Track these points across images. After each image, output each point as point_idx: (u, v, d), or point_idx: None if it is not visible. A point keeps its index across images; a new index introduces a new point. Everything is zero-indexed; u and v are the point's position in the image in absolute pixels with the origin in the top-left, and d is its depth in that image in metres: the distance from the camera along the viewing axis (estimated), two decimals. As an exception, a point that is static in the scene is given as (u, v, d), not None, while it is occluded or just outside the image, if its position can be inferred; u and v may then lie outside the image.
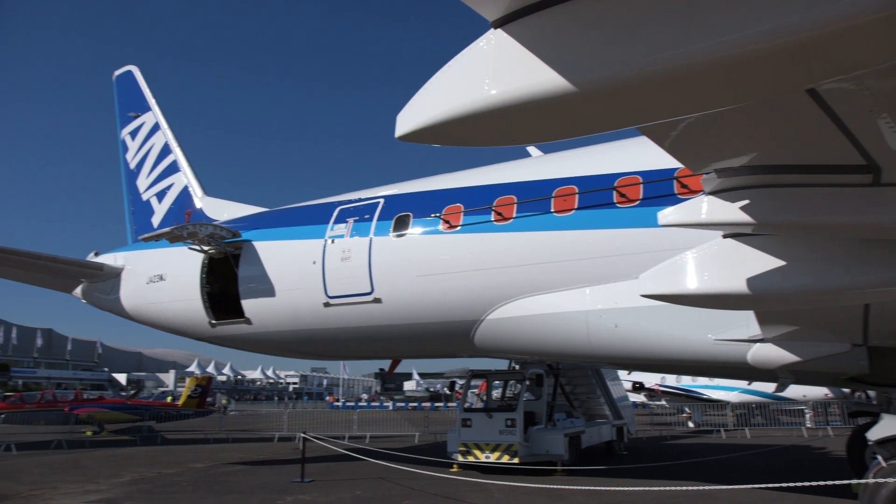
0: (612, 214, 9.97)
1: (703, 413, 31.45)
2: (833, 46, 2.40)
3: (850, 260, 5.03)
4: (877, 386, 9.93)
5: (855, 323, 6.75)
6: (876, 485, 5.54)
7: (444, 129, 2.96)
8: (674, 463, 15.11)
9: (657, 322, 9.16)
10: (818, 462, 17.00)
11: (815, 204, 4.37)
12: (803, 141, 3.95)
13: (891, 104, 3.32)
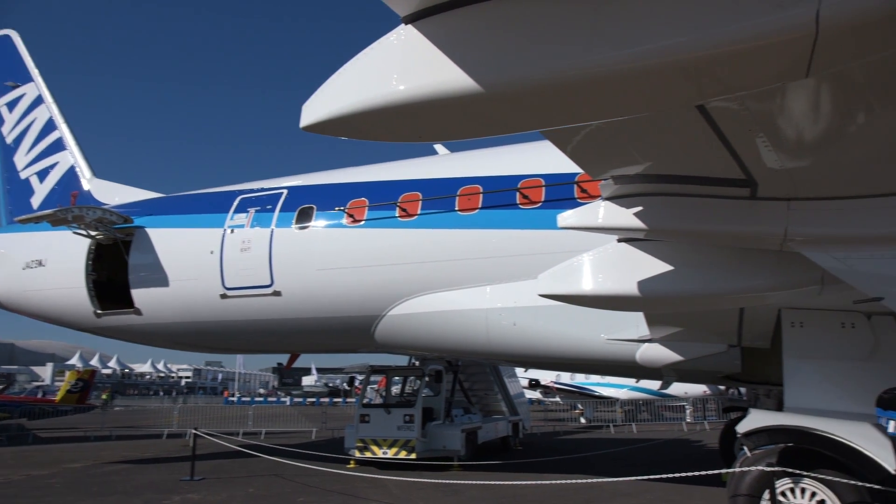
0: (515, 215, 10.22)
1: (594, 409, 32.78)
2: (722, 67, 2.56)
3: (730, 267, 5.41)
4: (747, 383, 10.74)
5: (731, 326, 7.27)
6: (741, 473, 5.97)
7: (350, 122, 2.93)
8: (565, 457, 15.69)
9: (554, 321, 9.48)
10: (695, 454, 18.15)
11: (699, 213, 4.66)
12: (692, 154, 4.21)
13: (767, 125, 3.59)
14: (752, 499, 5.91)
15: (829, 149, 3.89)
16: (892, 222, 4.26)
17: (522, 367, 24.54)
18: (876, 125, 3.59)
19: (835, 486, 5.65)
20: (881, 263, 4.38)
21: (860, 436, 5.68)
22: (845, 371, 6.03)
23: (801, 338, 6.19)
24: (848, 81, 3.23)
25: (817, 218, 4.41)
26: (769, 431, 6.17)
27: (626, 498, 10.79)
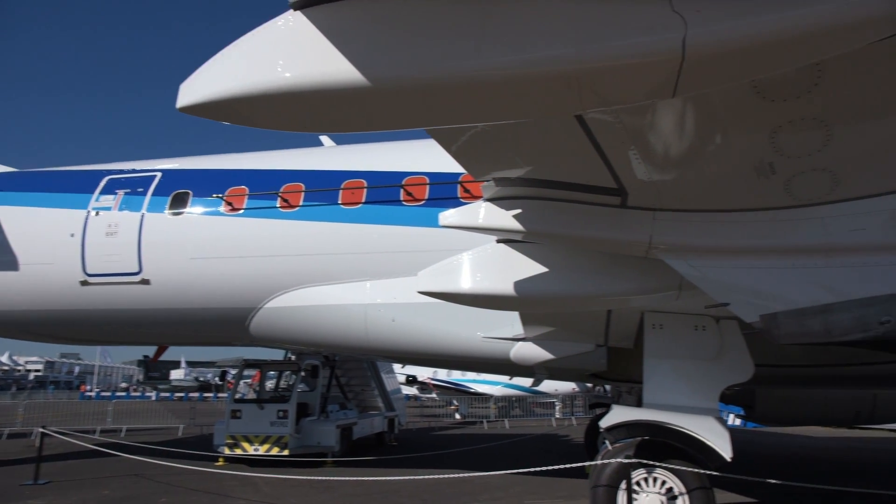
0: (398, 212, 10.25)
1: (469, 405, 33.50)
2: (599, 81, 2.70)
3: (600, 271, 5.72)
4: (612, 381, 11.39)
5: (599, 327, 7.68)
6: (602, 465, 6.32)
7: (231, 106, 2.81)
8: (440, 452, 15.90)
9: (432, 318, 9.60)
10: (563, 448, 19.01)
11: (574, 219, 4.90)
12: (569, 161, 4.41)
13: (638, 138, 3.84)
14: (611, 489, 6.27)
15: (691, 165, 4.22)
16: (740, 236, 4.69)
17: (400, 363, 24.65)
18: (730, 147, 3.93)
19: (681, 475, 6.12)
20: (728, 272, 4.80)
21: (705, 428, 6.19)
22: (696, 370, 6.54)
23: (661, 339, 6.65)
24: (707, 105, 3.52)
25: (678, 228, 4.76)
26: (629, 426, 6.58)
27: (496, 491, 11.12)
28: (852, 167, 4.11)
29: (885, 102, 3.54)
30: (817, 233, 4.57)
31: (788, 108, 3.48)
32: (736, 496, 10.06)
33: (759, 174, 4.13)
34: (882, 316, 4.48)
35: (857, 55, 3.00)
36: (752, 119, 3.64)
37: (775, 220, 4.61)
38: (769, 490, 10.13)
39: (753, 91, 3.36)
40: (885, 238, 4.48)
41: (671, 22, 2.48)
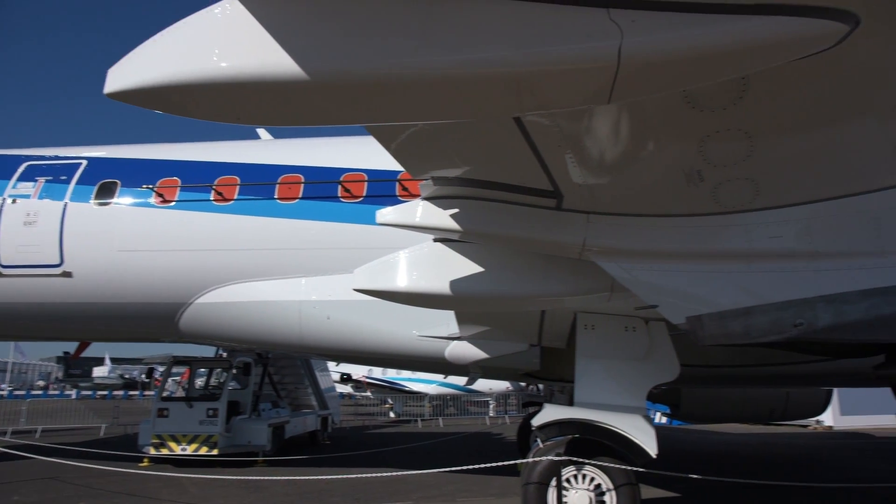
0: (335, 208, 10.14)
1: (404, 404, 33.46)
2: (538, 84, 2.74)
3: (535, 272, 5.81)
4: (545, 380, 11.60)
5: (533, 327, 7.81)
6: (534, 462, 6.43)
7: (163, 95, 2.71)
8: (373, 451, 15.84)
9: (367, 316, 9.55)
10: (496, 446, 19.22)
11: (510, 220, 4.96)
12: (507, 162, 4.46)
13: (574, 143, 3.92)
14: (542, 486, 6.38)
15: (624, 170, 4.33)
16: (670, 240, 4.85)
17: (335, 361, 24.42)
18: (662, 154, 4.07)
19: (609, 471, 6.29)
20: (658, 275, 4.96)
21: (632, 426, 6.38)
22: (625, 369, 6.73)
23: (592, 339, 6.81)
24: (641, 112, 3.62)
25: (611, 232, 4.89)
26: (560, 424, 6.71)
27: (430, 489, 11.15)
28: (772, 178, 4.31)
29: (802, 118, 3.73)
30: (740, 239, 4.77)
31: (716, 119, 3.62)
32: (660, 491, 10.40)
33: (689, 181, 4.29)
34: (796, 319, 4.72)
35: (779, 72, 3.15)
36: (683, 128, 3.77)
37: (702, 226, 4.79)
38: (691, 484, 10.53)
39: (684, 101, 3.48)
40: (800, 245, 4.72)
41: (608, 30, 2.54)
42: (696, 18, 2.59)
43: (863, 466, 13.96)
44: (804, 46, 2.77)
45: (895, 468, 13.48)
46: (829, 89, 3.43)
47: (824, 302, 4.71)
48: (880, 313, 4.63)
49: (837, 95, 3.51)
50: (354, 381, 36.74)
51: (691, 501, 9.92)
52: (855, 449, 17.86)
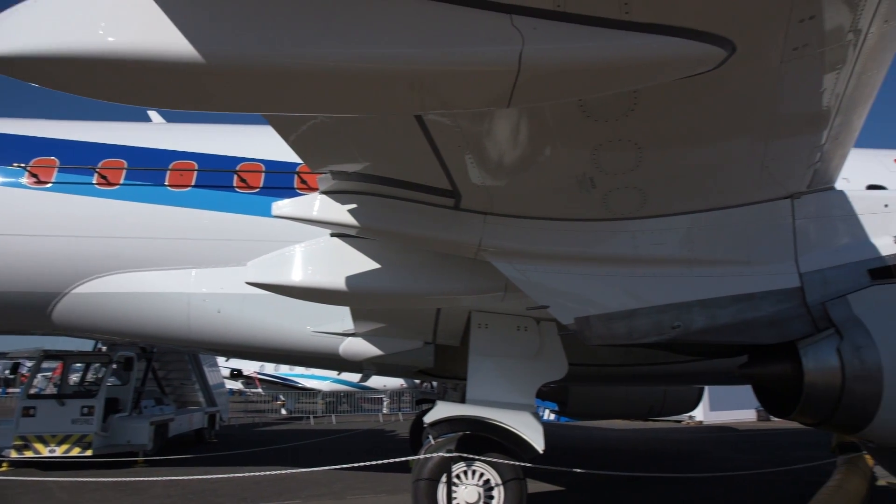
0: (230, 198, 9.77)
1: (296, 401, 32.78)
2: (440, 84, 2.76)
3: (431, 270, 5.85)
4: (439, 378, 11.72)
5: (428, 324, 7.87)
6: (425, 459, 6.48)
7: (39, 66, 2.46)
8: (263, 449, 15.41)
9: (260, 310, 9.27)
10: (388, 443, 19.21)
11: (408, 217, 4.97)
12: (407, 160, 4.47)
13: (474, 144, 3.98)
14: (432, 482, 6.44)
15: (522, 174, 4.45)
16: (562, 243, 5.03)
17: (225, 356, 23.55)
18: (558, 159, 4.20)
19: (497, 467, 6.44)
20: (550, 277, 5.13)
21: (521, 423, 6.57)
22: (517, 368, 6.91)
23: (485, 338, 6.95)
24: (539, 118, 3.73)
25: (507, 233, 5.00)
26: (451, 421, 6.80)
27: (319, 487, 10.99)
28: (658, 188, 4.57)
29: (685, 134, 3.97)
30: (627, 245, 5.02)
31: (608, 129, 3.78)
32: (546, 485, 10.77)
33: (581, 187, 4.46)
34: (674, 321, 5.03)
35: (666, 89, 3.35)
36: (578, 135, 3.91)
37: (593, 231, 5.00)
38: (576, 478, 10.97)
39: (580, 110, 3.61)
40: (680, 253, 5.04)
41: (510, 36, 2.59)
42: (593, 32, 2.70)
43: (727, 457, 15.07)
44: (687, 66, 2.96)
45: (754, 457, 14.64)
46: (709, 109, 3.67)
47: (699, 306, 5.05)
48: (745, 317, 5.02)
49: (716, 116, 3.76)
50: (245, 377, 35.66)
51: (575, 494, 10.34)
52: (721, 441, 19.26)
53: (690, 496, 10.08)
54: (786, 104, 3.65)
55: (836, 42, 3.10)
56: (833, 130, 4.05)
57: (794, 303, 5.06)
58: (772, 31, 2.93)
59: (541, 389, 6.99)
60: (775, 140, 4.07)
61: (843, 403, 4.72)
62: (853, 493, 8.37)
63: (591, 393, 13.67)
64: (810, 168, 4.59)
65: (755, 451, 16.16)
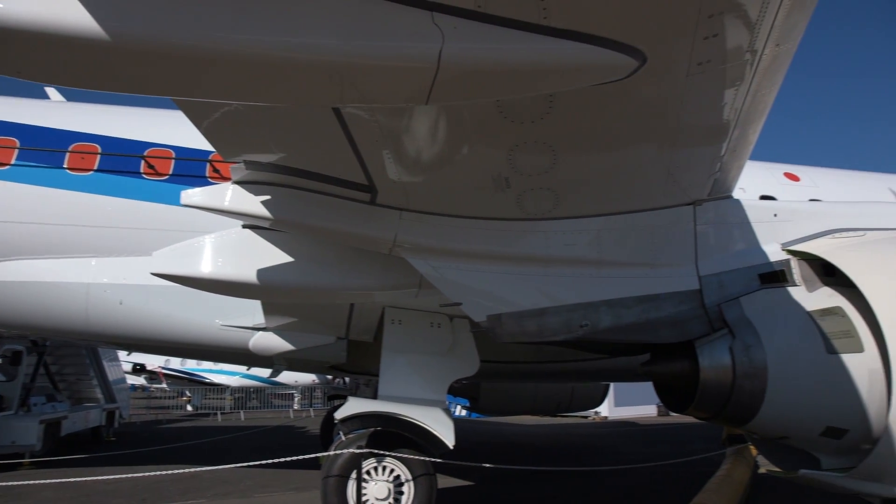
0: (135, 184, 9.29)
1: (203, 396, 31.72)
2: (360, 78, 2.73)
3: (345, 265, 5.78)
4: (351, 373, 11.62)
5: (341, 319, 7.78)
6: (335, 455, 6.42)
7: None
8: (166, 447, 14.84)
9: (166, 303, 8.89)
10: (299, 440, 18.92)
11: (324, 211, 4.89)
12: (322, 153, 4.40)
13: (392, 140, 3.96)
14: (342, 479, 6.39)
15: (438, 171, 4.46)
16: (476, 241, 5.09)
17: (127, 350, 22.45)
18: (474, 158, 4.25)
19: (408, 462, 6.46)
20: (463, 274, 5.19)
21: (432, 419, 6.61)
22: (429, 364, 6.95)
23: (398, 334, 6.94)
24: (458, 116, 3.76)
25: (422, 230, 5.01)
26: (362, 417, 6.76)
27: (225, 485, 10.69)
28: (570, 190, 4.70)
29: (598, 139, 4.11)
30: (540, 244, 5.14)
31: (524, 131, 3.86)
32: (457, 480, 10.89)
33: (497, 187, 4.53)
34: (583, 320, 5.20)
35: (581, 95, 3.45)
36: (495, 136, 3.97)
37: (507, 230, 5.08)
38: (485, 473, 11.16)
39: (497, 110, 3.66)
40: (590, 254, 5.21)
41: (431, 33, 2.60)
42: (512, 34, 2.75)
43: (630, 450, 15.74)
44: (601, 74, 3.06)
45: (654, 451, 15.37)
46: (620, 117, 3.82)
47: (606, 306, 5.23)
48: (649, 317, 5.25)
49: (627, 123, 3.91)
50: (149, 372, 34.14)
51: (484, 488, 10.51)
52: (624, 435, 20.09)
53: (594, 487, 10.47)
54: (691, 115, 3.84)
55: (735, 60, 3.29)
56: (731, 143, 4.28)
57: (693, 304, 5.33)
58: (680, 46, 3.07)
59: (452, 386, 7.05)
60: (680, 149, 4.27)
61: (733, 399, 5.01)
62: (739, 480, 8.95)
63: (501, 389, 13.94)
64: (711, 177, 4.84)
65: (655, 445, 16.97)
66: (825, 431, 4.99)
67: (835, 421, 4.94)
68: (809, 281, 5.36)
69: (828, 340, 4.90)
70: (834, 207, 6.12)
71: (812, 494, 9.03)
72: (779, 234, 5.67)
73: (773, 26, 3.07)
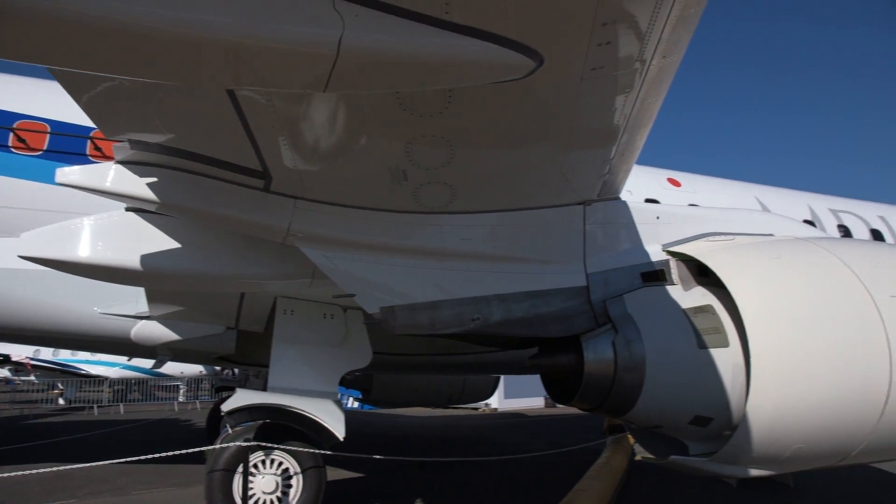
0: (3, 159, 8.55)
1: (78, 389, 29.75)
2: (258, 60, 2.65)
3: (236, 253, 5.59)
4: (240, 364, 11.27)
5: (231, 309, 7.53)
6: (221, 449, 6.23)
7: None
8: (33, 444, 13.79)
9: (36, 288, 8.25)
10: (183, 433, 18.16)
11: (214, 196, 4.70)
12: (216, 136, 4.22)
13: (288, 126, 3.87)
14: (228, 473, 6.21)
15: (335, 160, 4.40)
16: (372, 233, 5.07)
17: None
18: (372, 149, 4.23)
19: (297, 455, 6.38)
20: (358, 266, 5.15)
21: (323, 410, 6.56)
22: (321, 355, 6.87)
23: (290, 324, 6.81)
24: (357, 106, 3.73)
25: (317, 219, 4.92)
26: (251, 409, 6.60)
27: (99, 483, 10.11)
28: (467, 185, 4.77)
29: (494, 136, 4.20)
30: (435, 238, 5.19)
31: (423, 124, 3.88)
32: (347, 472, 10.84)
33: (394, 179, 4.52)
34: (474, 314, 5.30)
35: (479, 91, 3.52)
36: (393, 128, 3.97)
37: (403, 223, 5.08)
38: (376, 465, 11.18)
39: (397, 102, 3.66)
40: (484, 249, 5.31)
41: (332, 20, 2.57)
42: (413, 27, 2.77)
43: (517, 441, 16.25)
44: (499, 72, 3.13)
45: (540, 441, 15.96)
46: (517, 115, 3.92)
47: (498, 300, 5.36)
48: (538, 312, 5.43)
49: (524, 122, 4.02)
50: (14, 363, 31.51)
51: (375, 479, 10.52)
52: (513, 426, 20.71)
53: (483, 477, 10.72)
54: (584, 118, 4.00)
55: (626, 68, 3.46)
56: (620, 147, 4.50)
57: (580, 300, 5.56)
58: (575, 50, 3.19)
59: (345, 377, 7.01)
60: (573, 150, 4.43)
61: (614, 391, 5.29)
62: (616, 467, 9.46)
63: (394, 381, 13.98)
64: (601, 179, 5.06)
65: (541, 435, 17.60)
66: (693, 420, 5.37)
67: (702, 410, 5.32)
68: (685, 280, 5.73)
69: (699, 336, 5.26)
70: (709, 213, 6.55)
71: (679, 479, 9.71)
72: (660, 235, 6.02)
73: (660, 39, 3.26)
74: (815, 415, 5.10)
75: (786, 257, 5.64)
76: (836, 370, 5.10)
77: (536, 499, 8.58)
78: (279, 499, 6.31)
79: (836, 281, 5.41)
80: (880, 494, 9.18)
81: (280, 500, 6.31)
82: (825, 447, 5.36)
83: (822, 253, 5.69)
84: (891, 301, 5.36)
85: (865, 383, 5.16)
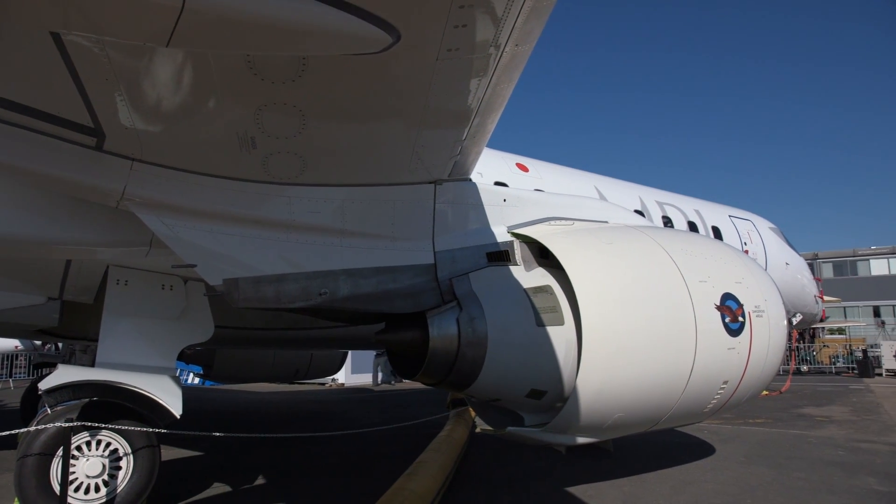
0: None
1: None
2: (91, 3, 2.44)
3: (61, 216, 5.10)
4: (64, 339, 10.34)
5: (54, 277, 6.88)
6: (36, 431, 5.72)
7: None
8: None
9: None
10: (-9, 416, 16.37)
11: (37, 152, 4.28)
12: (38, 85, 3.81)
13: (126, 81, 3.58)
14: (44, 457, 5.71)
15: (178, 122, 4.14)
16: (216, 201, 4.84)
17: None
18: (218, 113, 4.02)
19: (127, 435, 6.00)
20: (200, 235, 4.90)
21: (158, 387, 6.22)
22: (157, 329, 6.48)
23: (124, 296, 6.35)
24: (203, 66, 3.52)
25: (156, 184, 4.62)
26: (75, 387, 6.10)
27: None
28: (318, 157, 4.69)
29: (347, 109, 4.16)
30: (283, 210, 5.06)
31: (274, 91, 3.75)
32: (185, 451, 10.37)
33: (242, 146, 4.34)
34: (321, 288, 5.25)
35: (334, 62, 3.46)
36: (242, 91, 3.80)
37: (250, 192, 4.90)
38: (215, 442, 10.79)
39: (247, 65, 3.51)
40: (333, 223, 5.26)
41: None
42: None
43: (363, 416, 16.37)
44: (355, 44, 3.11)
45: (386, 415, 16.19)
46: (372, 90, 3.90)
47: (346, 275, 5.35)
48: (386, 288, 5.49)
49: (378, 97, 4.02)
50: None
51: (214, 457, 10.15)
52: (359, 401, 20.83)
53: (327, 451, 10.71)
54: (437, 98, 4.07)
55: (480, 52, 3.57)
56: (472, 129, 4.63)
57: (427, 277, 5.70)
58: (432, 29, 3.24)
59: (184, 352, 6.67)
60: (426, 129, 4.50)
61: (457, 366, 5.50)
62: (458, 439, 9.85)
63: (237, 356, 13.53)
64: (452, 159, 5.19)
65: (387, 410, 17.85)
66: (529, 393, 5.72)
67: (538, 384, 5.68)
68: (528, 261, 6.06)
69: (538, 314, 5.61)
70: (552, 198, 6.94)
71: (513, 449, 10.32)
72: (507, 217, 6.29)
73: (514, 27, 3.39)
74: (634, 386, 5.65)
75: (617, 243, 6.14)
76: (653, 346, 5.68)
77: (381, 472, 8.73)
78: (105, 482, 5.91)
79: (657, 266, 6.00)
80: (677, 450, 10.37)
81: (107, 484, 5.91)
82: (641, 415, 5.96)
83: (647, 241, 6.27)
84: (700, 285, 6.03)
85: (675, 358, 5.80)
